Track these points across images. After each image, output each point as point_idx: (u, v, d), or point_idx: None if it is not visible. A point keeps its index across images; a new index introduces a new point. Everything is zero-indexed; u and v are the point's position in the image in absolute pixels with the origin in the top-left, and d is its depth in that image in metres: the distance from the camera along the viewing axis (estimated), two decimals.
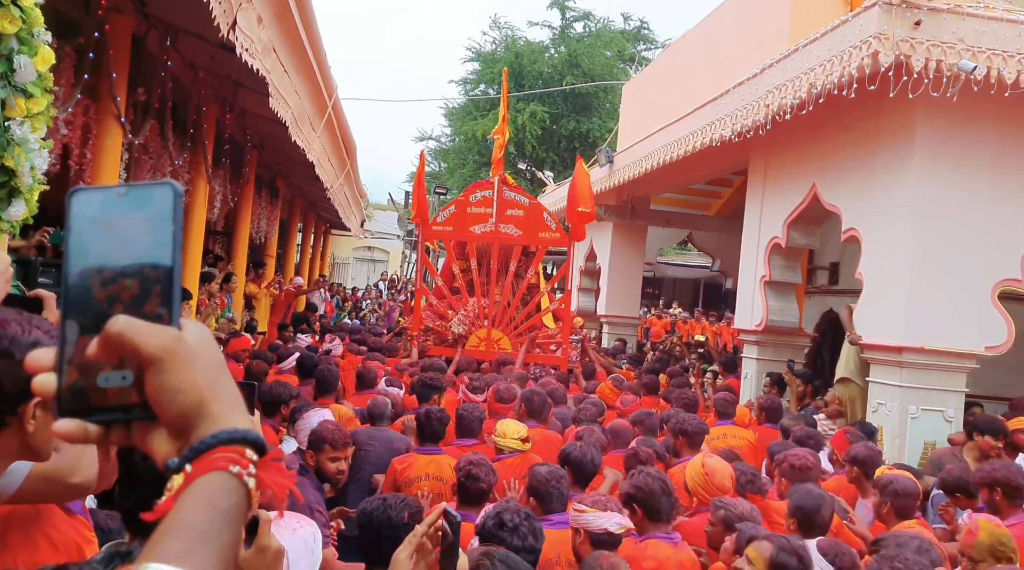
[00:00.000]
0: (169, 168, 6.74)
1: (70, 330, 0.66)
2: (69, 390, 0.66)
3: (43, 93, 3.12)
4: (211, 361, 0.67)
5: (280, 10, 5.36)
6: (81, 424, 0.65)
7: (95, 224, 0.66)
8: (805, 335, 8.36)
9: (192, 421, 0.65)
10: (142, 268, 0.66)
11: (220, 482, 0.63)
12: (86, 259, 0.66)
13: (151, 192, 0.67)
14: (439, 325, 8.55)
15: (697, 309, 18.49)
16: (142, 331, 0.64)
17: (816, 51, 5.78)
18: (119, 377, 0.66)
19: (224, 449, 0.64)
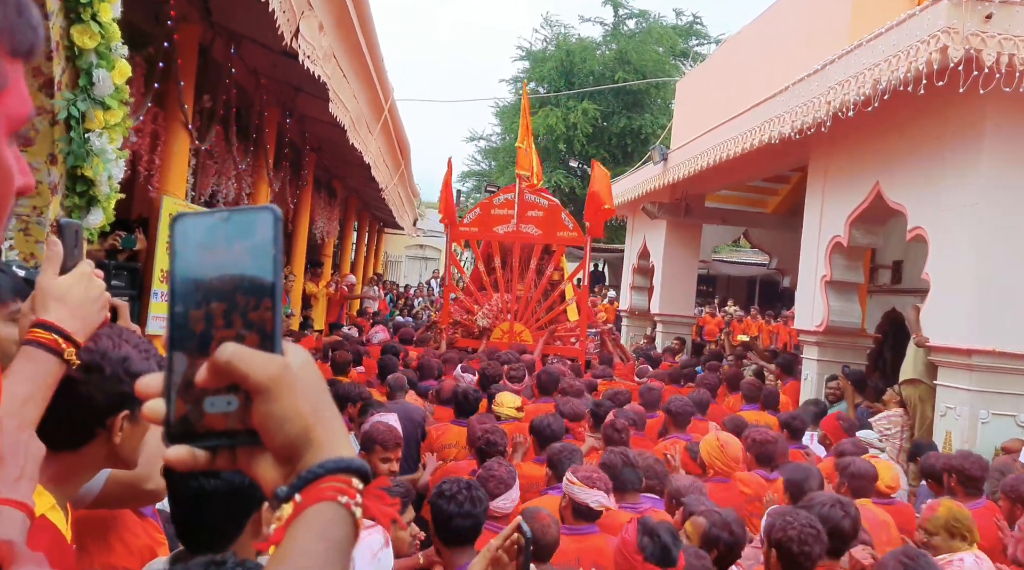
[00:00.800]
0: (233, 172, 6.91)
1: (177, 355, 0.66)
2: (177, 415, 0.66)
3: (120, 105, 3.23)
4: (315, 387, 0.68)
5: (340, 16, 5.45)
6: (190, 450, 0.66)
7: (198, 250, 0.67)
8: (867, 336, 8.17)
9: (299, 449, 0.65)
10: (245, 293, 0.66)
11: (330, 513, 0.64)
12: (190, 284, 0.67)
13: (252, 217, 0.67)
14: (466, 319, 9.04)
15: (753, 307, 18.18)
16: (250, 359, 0.64)
17: (881, 46, 5.63)
18: (224, 402, 0.66)
19: (331, 478, 0.64)
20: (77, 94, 3.06)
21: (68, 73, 3.08)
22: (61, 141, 3.06)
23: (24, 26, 0.64)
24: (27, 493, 1.02)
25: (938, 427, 5.77)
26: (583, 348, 8.89)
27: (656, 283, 12.89)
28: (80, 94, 3.07)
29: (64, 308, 1.19)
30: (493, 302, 8.96)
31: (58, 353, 1.18)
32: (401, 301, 21.37)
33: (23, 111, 0.65)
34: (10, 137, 0.65)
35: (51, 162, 3.09)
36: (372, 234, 20.47)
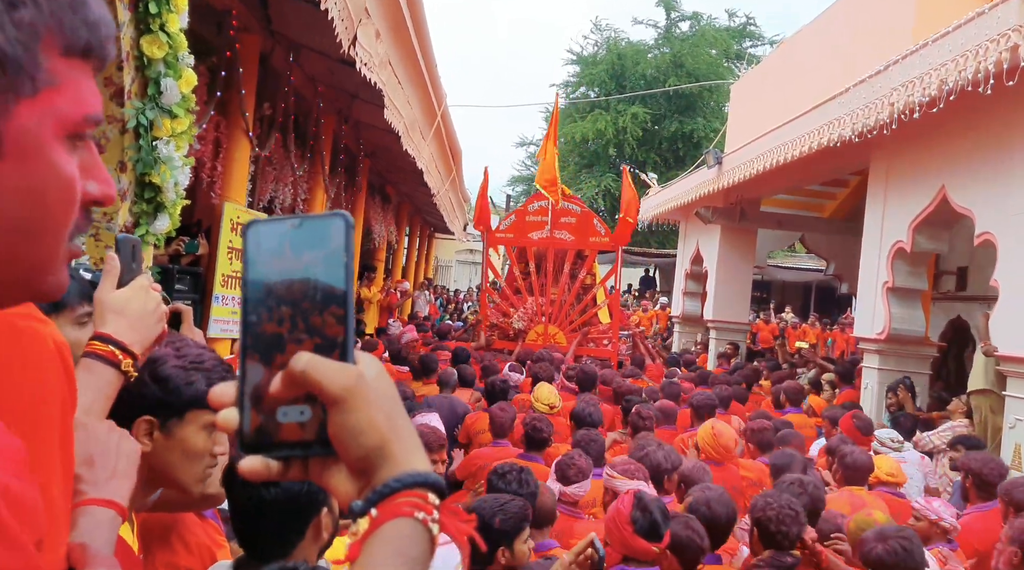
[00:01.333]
0: (290, 178, 7.03)
1: (251, 364, 0.66)
2: (250, 425, 0.65)
3: (186, 113, 3.31)
4: (390, 398, 0.67)
5: (396, 24, 5.51)
6: (264, 461, 0.65)
7: (270, 257, 0.66)
8: (931, 344, 7.93)
9: (374, 462, 0.64)
10: (317, 301, 0.65)
11: (407, 529, 0.62)
12: (263, 292, 0.66)
13: (324, 223, 0.66)
14: (502, 321, 9.37)
15: (812, 315, 17.76)
16: (326, 370, 0.63)
17: (948, 45, 5.46)
18: (297, 412, 0.65)
19: (408, 493, 0.63)
20: (146, 103, 3.15)
21: (137, 82, 3.17)
22: (130, 149, 3.15)
23: (78, 23, 0.62)
24: (119, 491, 1.03)
25: (1007, 439, 5.55)
26: (615, 349, 9.29)
27: (709, 289, 12.71)
28: (149, 103, 3.15)
29: (122, 321, 1.21)
30: (528, 305, 9.32)
31: (115, 365, 1.19)
32: (451, 306, 21.50)
33: (77, 113, 0.63)
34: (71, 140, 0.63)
35: (121, 169, 3.18)
36: (423, 239, 20.65)
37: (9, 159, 0.58)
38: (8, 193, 0.58)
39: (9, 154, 0.58)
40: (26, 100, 0.59)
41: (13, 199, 0.59)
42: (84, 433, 1.05)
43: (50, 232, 0.63)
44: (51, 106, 0.60)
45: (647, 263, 26.27)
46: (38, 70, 0.59)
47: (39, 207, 0.61)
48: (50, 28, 0.60)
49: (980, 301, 8.99)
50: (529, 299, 9.40)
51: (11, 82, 0.57)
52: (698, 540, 2.71)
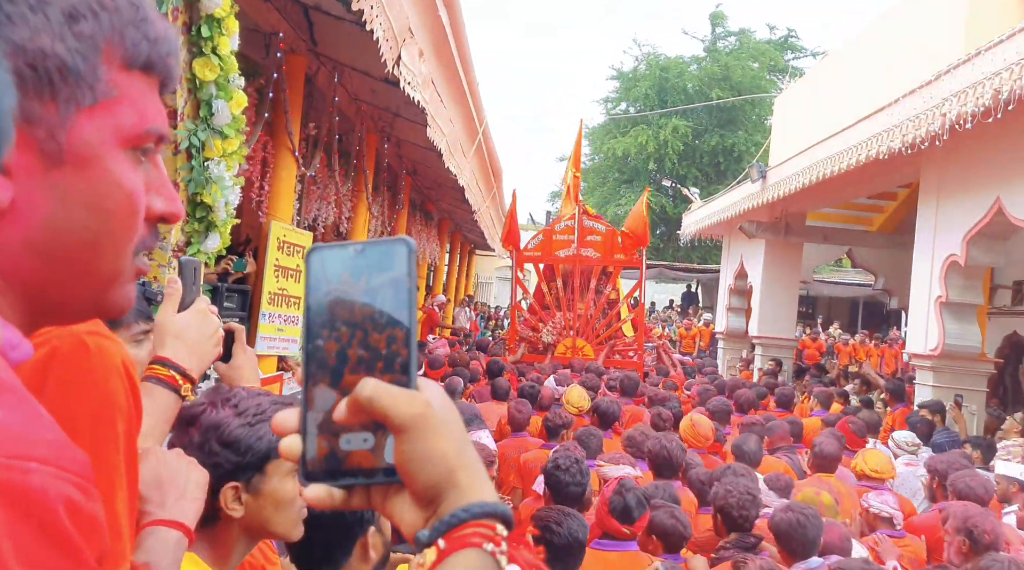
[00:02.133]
0: (334, 196, 7.11)
1: (314, 391, 0.65)
2: (314, 453, 0.65)
3: (236, 134, 3.37)
4: (457, 427, 0.66)
5: (439, 43, 5.55)
6: (328, 490, 0.64)
7: (332, 283, 0.66)
8: (987, 360, 7.69)
9: (441, 491, 0.63)
10: (380, 327, 0.65)
11: (475, 561, 0.60)
12: (325, 318, 0.65)
13: (386, 249, 0.66)
14: (531, 336, 9.79)
15: (862, 332, 17.35)
16: (393, 397, 0.62)
17: (1002, 54, 5.33)
18: (361, 439, 0.64)
19: (476, 524, 0.62)
20: (198, 124, 3.21)
21: (190, 104, 3.23)
22: (182, 169, 3.20)
23: (139, 37, 0.63)
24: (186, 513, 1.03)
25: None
26: (641, 361, 9.73)
27: (754, 304, 12.53)
28: (200, 124, 3.21)
29: (181, 345, 1.22)
30: (557, 320, 9.72)
31: (175, 389, 1.20)
32: (492, 322, 21.53)
33: (138, 125, 0.63)
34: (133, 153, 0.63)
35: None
36: (463, 256, 20.74)
37: (69, 167, 0.59)
38: (70, 202, 0.59)
39: (69, 162, 0.59)
40: (86, 110, 0.59)
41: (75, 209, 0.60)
42: (154, 459, 1.06)
43: (112, 244, 0.63)
44: (111, 117, 0.61)
45: (689, 279, 26.03)
46: (97, 81, 0.60)
47: (100, 218, 0.61)
48: (110, 41, 0.61)
49: None
50: (557, 314, 9.77)
51: (71, 92, 0.58)
52: (681, 529, 3.06)
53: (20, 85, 0.55)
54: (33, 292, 0.60)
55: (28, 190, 0.57)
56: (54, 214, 0.59)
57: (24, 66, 0.55)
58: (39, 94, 0.57)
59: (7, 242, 0.57)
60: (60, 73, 0.57)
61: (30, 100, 0.56)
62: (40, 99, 0.57)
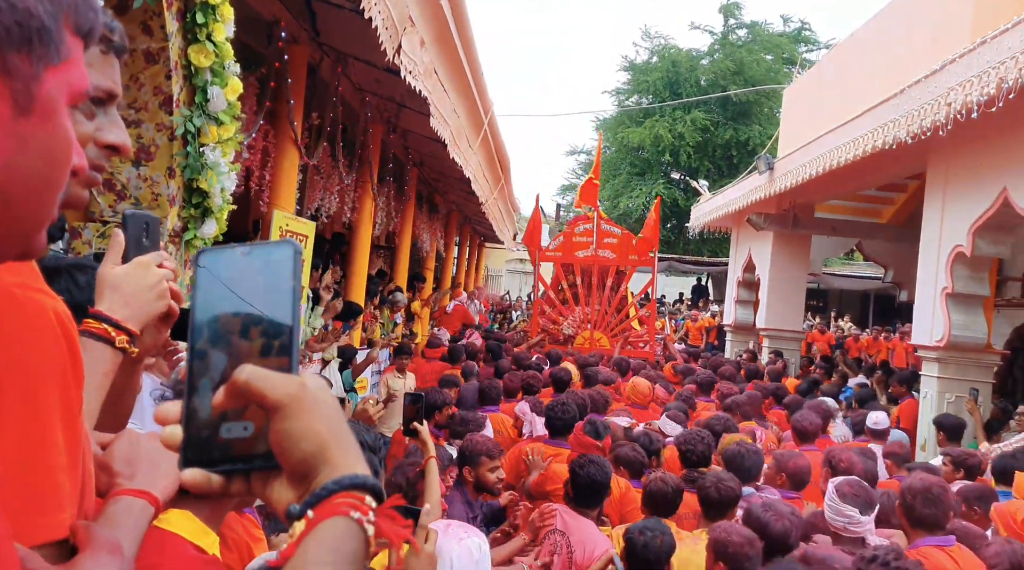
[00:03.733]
0: (338, 187, 7.14)
1: (198, 384, 0.69)
2: (195, 441, 0.69)
3: (232, 120, 3.39)
4: (332, 409, 0.69)
5: (441, 32, 5.55)
6: (205, 474, 0.68)
7: (219, 284, 0.70)
8: (994, 352, 7.64)
9: (314, 467, 0.66)
10: (265, 323, 0.69)
11: (342, 527, 0.64)
12: (211, 316, 0.70)
13: (272, 251, 0.71)
14: (553, 328, 10.69)
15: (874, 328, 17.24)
16: (268, 379, 0.66)
17: (1007, 42, 5.28)
18: (241, 428, 0.68)
19: (345, 495, 0.65)
20: (193, 110, 3.23)
21: (185, 91, 3.26)
22: (178, 155, 3.23)
23: (87, 8, 0.68)
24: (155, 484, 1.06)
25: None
26: (652, 351, 10.68)
27: (762, 297, 12.49)
28: (196, 110, 3.24)
29: (117, 297, 1.19)
30: (576, 314, 10.68)
31: (109, 342, 1.18)
32: (500, 316, 21.56)
33: (83, 85, 0.68)
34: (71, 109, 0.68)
35: (169, 176, 3.27)
36: (472, 249, 20.75)
37: (35, 118, 0.63)
38: (28, 150, 0.64)
39: (36, 113, 0.63)
40: (51, 68, 0.65)
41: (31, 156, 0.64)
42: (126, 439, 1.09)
43: (53, 191, 0.67)
44: (67, 76, 0.66)
45: (699, 272, 25.94)
46: (62, 43, 0.65)
47: (50, 166, 0.66)
48: (69, 8, 0.66)
49: None
50: (576, 308, 10.69)
51: (45, 51, 0.63)
52: (641, 458, 4.10)
53: (7, 39, 0.60)
54: None
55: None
56: (12, 161, 0.63)
57: (14, 23, 0.60)
58: (19, 49, 0.61)
59: None
60: (39, 33, 0.62)
61: (12, 54, 0.61)
62: (19, 54, 0.61)
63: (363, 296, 7.97)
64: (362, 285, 7.91)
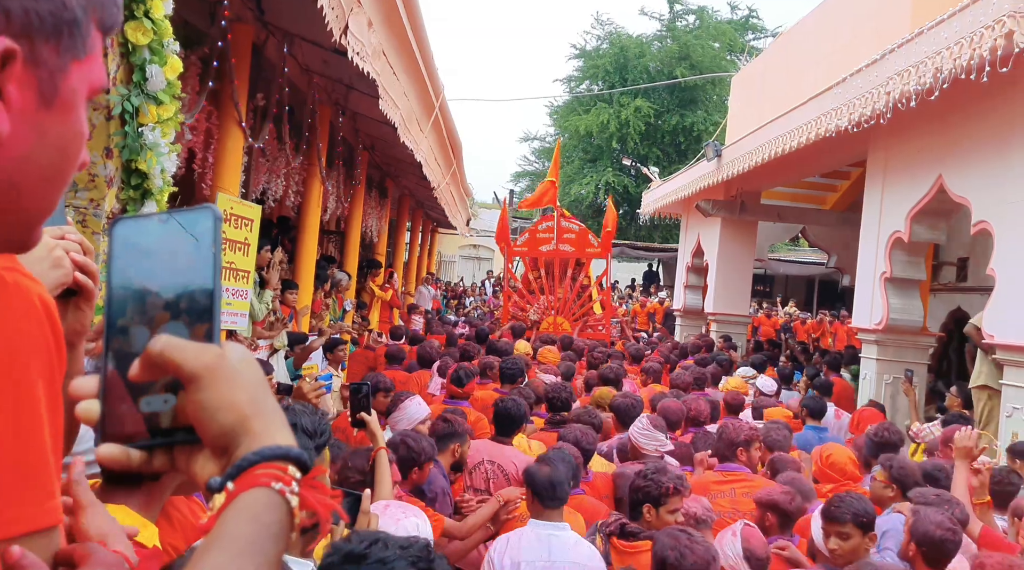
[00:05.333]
0: (284, 170, 7.03)
1: (113, 356, 0.67)
2: (113, 416, 0.66)
3: (172, 100, 3.31)
4: (253, 378, 0.67)
5: (389, 13, 5.49)
6: (124, 449, 0.65)
7: (137, 251, 0.68)
8: (930, 334, 7.90)
9: (234, 439, 0.64)
10: (184, 292, 0.67)
11: (263, 498, 0.62)
12: (128, 286, 0.67)
13: (192, 217, 0.68)
14: (521, 315, 11.81)
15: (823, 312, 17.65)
16: (183, 349, 0.64)
17: (943, 33, 5.44)
18: (160, 401, 0.66)
19: (266, 466, 0.63)
20: (131, 89, 3.15)
21: (123, 69, 3.17)
22: (116, 135, 3.15)
23: (112, 3, 0.69)
24: None
25: (1004, 429, 5.54)
26: (608, 334, 11.84)
27: (710, 282, 12.70)
28: (134, 89, 3.16)
29: None
30: (540, 302, 11.85)
31: None
32: (455, 302, 21.52)
33: (101, 81, 0.69)
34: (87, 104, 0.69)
35: (107, 156, 3.18)
36: (425, 234, 20.64)
37: (56, 110, 0.63)
38: (47, 141, 0.64)
39: (58, 106, 0.63)
40: (77, 62, 0.65)
41: (49, 147, 0.64)
42: None
43: (63, 183, 0.68)
44: (89, 71, 0.66)
45: (651, 258, 26.23)
46: (89, 37, 0.65)
47: (64, 158, 0.66)
48: (96, 3, 0.66)
49: (981, 292, 8.96)
50: (541, 297, 11.87)
51: (73, 43, 0.63)
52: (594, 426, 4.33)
53: (39, 29, 0.60)
54: None
55: (20, 125, 0.61)
56: (32, 151, 0.62)
57: (48, 13, 0.60)
58: (48, 40, 0.61)
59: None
60: (69, 26, 0.62)
61: (42, 44, 0.61)
62: (48, 45, 0.61)
63: (311, 282, 7.88)
64: (311, 270, 7.81)
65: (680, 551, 2.34)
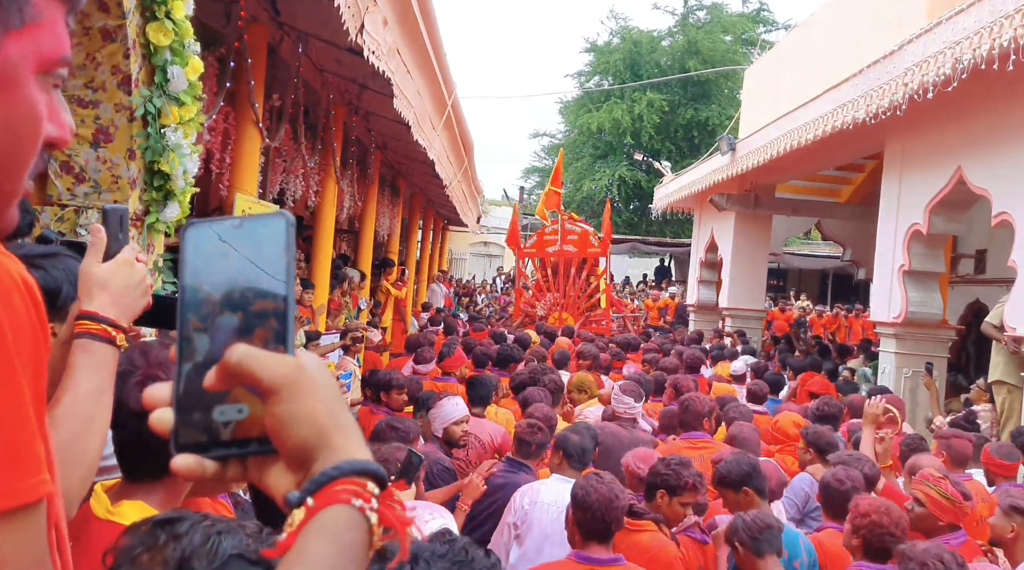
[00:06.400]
0: (301, 170, 7.04)
1: (187, 365, 0.65)
2: (186, 425, 0.65)
3: (193, 100, 3.31)
4: (330, 390, 0.65)
5: (404, 12, 5.49)
6: (198, 460, 0.64)
7: (210, 257, 0.66)
8: (949, 327, 7.84)
9: (313, 452, 0.63)
10: (257, 299, 0.66)
11: (343, 516, 0.60)
12: (201, 292, 0.66)
13: (265, 223, 0.67)
14: (530, 311, 12.93)
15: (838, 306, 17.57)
16: (262, 360, 0.62)
17: (962, 23, 5.38)
18: (235, 411, 0.65)
19: (346, 481, 0.61)
20: (153, 90, 3.15)
21: (144, 70, 3.18)
22: (139, 136, 3.15)
23: None
24: None
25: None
26: (608, 328, 12.56)
27: (724, 276, 12.65)
28: (156, 90, 3.16)
29: (106, 296, 1.20)
30: (547, 299, 12.88)
31: (111, 342, 1.19)
32: (466, 299, 21.53)
33: (56, 51, 0.63)
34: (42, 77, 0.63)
35: (130, 158, 3.19)
36: (436, 232, 20.65)
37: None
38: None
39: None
40: (13, 32, 0.59)
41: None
42: None
43: (18, 166, 0.63)
44: (34, 41, 0.61)
45: (662, 253, 26.16)
46: (26, 3, 0.59)
47: (12, 139, 0.61)
48: None
49: (999, 284, 8.89)
50: (548, 294, 12.86)
51: (4, 14, 0.58)
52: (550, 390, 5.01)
53: None
54: None
55: None
56: None
57: None
58: None
59: None
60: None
61: None
62: None
63: (327, 281, 7.89)
64: (326, 270, 7.83)
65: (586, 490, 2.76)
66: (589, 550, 2.73)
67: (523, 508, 3.35)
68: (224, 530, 0.98)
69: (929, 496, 3.23)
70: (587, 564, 2.70)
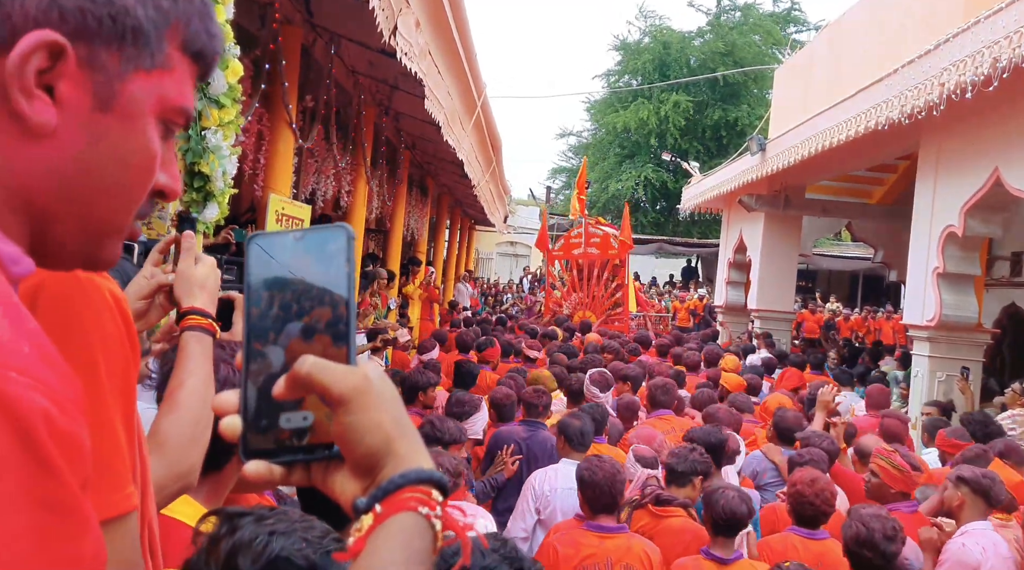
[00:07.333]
0: (332, 170, 7.11)
1: (256, 373, 0.68)
2: (255, 431, 0.67)
3: (232, 103, 3.36)
4: (395, 399, 0.68)
5: (435, 13, 5.52)
6: (268, 466, 0.67)
7: (273, 269, 0.68)
8: (984, 331, 7.72)
9: (380, 460, 0.65)
10: (320, 309, 0.68)
11: (411, 523, 0.63)
12: (265, 303, 0.68)
13: (326, 235, 0.69)
14: (558, 310, 13.52)
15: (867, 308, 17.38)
16: (330, 371, 0.65)
17: (1001, 21, 5.30)
18: (300, 418, 0.67)
19: (412, 489, 0.64)
20: (195, 93, 3.20)
21: None
22: (180, 138, 3.21)
23: (201, 28, 0.69)
24: None
25: None
26: (627, 326, 13.12)
27: (753, 278, 12.54)
28: (197, 93, 3.21)
29: (206, 295, 1.35)
30: (572, 298, 13.55)
31: (212, 334, 1.34)
32: (491, 299, 21.58)
33: (177, 99, 0.68)
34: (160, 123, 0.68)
35: None
36: (464, 232, 20.71)
37: (113, 117, 0.64)
38: (102, 148, 0.63)
39: (115, 112, 0.64)
40: (142, 72, 0.65)
41: (104, 155, 0.64)
42: None
43: (125, 199, 0.67)
44: (160, 85, 0.66)
45: (689, 253, 26.02)
46: (160, 51, 0.66)
47: (122, 170, 0.65)
48: (179, 22, 0.67)
49: None
50: (573, 294, 13.57)
51: (136, 52, 0.64)
52: None
53: (98, 32, 0.61)
54: (39, 222, 0.63)
55: (71, 123, 0.62)
56: (85, 153, 0.63)
57: (107, 16, 0.61)
58: (109, 44, 0.62)
59: (34, 164, 0.61)
60: (133, 32, 0.63)
61: (101, 47, 0.62)
62: (108, 49, 0.62)
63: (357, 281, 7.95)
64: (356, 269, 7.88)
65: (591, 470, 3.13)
66: (599, 521, 3.14)
67: (544, 495, 3.74)
68: (280, 531, 1.00)
69: (882, 467, 3.64)
70: (598, 532, 3.13)
